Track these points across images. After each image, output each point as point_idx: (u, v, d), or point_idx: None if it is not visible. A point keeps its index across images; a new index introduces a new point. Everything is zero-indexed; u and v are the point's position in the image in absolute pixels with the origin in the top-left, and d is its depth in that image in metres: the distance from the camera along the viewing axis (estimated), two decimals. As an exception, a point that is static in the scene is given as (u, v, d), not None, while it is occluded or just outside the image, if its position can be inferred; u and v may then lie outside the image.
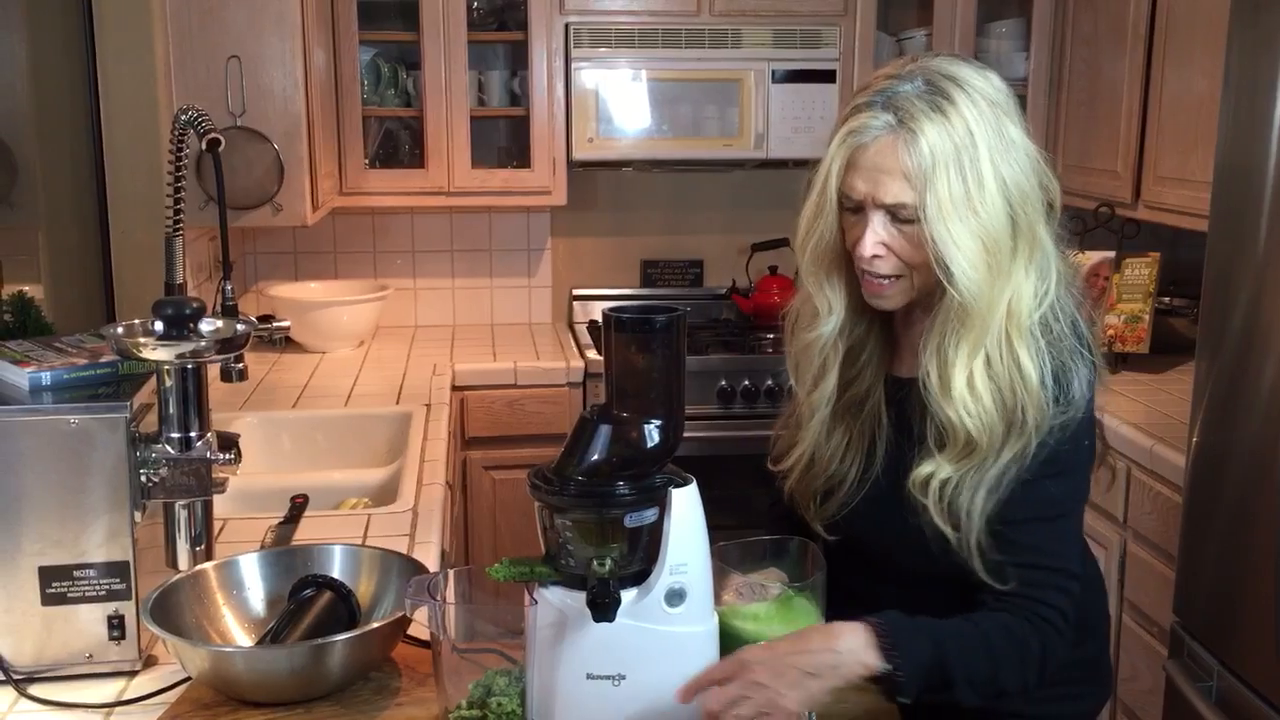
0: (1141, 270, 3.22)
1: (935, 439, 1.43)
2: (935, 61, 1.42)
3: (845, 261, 1.48)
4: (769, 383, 3.47)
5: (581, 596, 1.29)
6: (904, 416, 1.50)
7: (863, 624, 1.33)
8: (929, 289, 1.44)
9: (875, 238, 1.41)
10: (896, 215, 1.40)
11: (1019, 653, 1.38)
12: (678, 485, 1.35)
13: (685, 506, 1.35)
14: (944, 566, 1.45)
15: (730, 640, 1.39)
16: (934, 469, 1.41)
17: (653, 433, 1.33)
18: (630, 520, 1.31)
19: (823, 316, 1.50)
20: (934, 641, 1.34)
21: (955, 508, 1.41)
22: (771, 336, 3.71)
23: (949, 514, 1.41)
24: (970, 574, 1.42)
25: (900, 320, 1.55)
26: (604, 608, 1.28)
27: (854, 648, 1.31)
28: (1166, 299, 3.43)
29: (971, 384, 1.39)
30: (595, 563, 1.29)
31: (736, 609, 1.46)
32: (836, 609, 1.49)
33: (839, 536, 1.56)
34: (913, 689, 1.32)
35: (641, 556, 1.34)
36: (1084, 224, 3.36)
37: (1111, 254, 3.28)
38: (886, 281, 1.44)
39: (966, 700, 1.37)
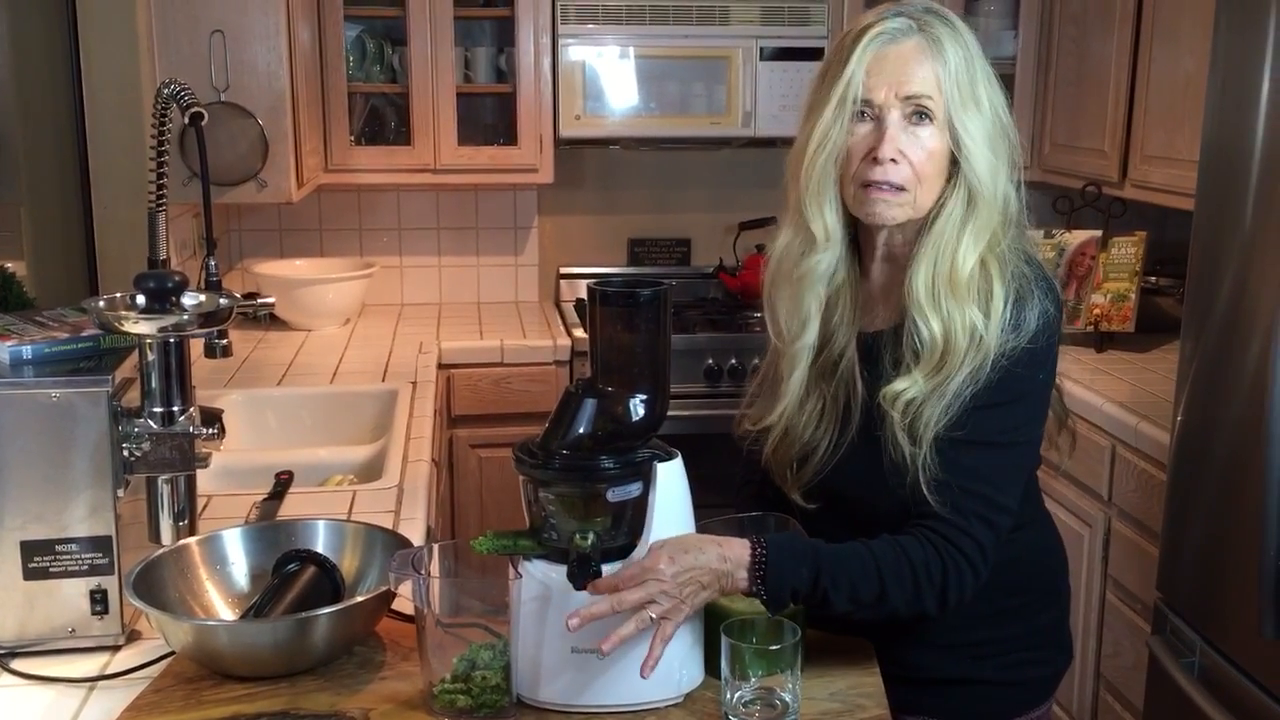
0: (1128, 249, 3.23)
1: (911, 356, 1.45)
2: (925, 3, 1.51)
3: (837, 189, 1.50)
4: (756, 361, 3.45)
5: (565, 570, 1.30)
6: (876, 368, 1.51)
7: (748, 545, 1.36)
8: (925, 209, 1.48)
9: (894, 142, 1.44)
10: (915, 113, 1.44)
11: (913, 575, 1.40)
12: (663, 460, 1.35)
13: (670, 481, 1.35)
14: (910, 501, 1.47)
15: (712, 616, 1.39)
16: (907, 385, 1.44)
17: (638, 407, 1.33)
18: (614, 494, 1.31)
19: (819, 243, 1.51)
20: (813, 567, 1.37)
21: (916, 424, 1.44)
22: (759, 315, 3.69)
23: (910, 430, 1.44)
24: (914, 493, 1.44)
25: (878, 273, 1.56)
26: (583, 584, 1.29)
27: (733, 568, 1.35)
28: (1153, 278, 3.44)
29: (974, 272, 1.44)
30: (578, 536, 1.30)
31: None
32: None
33: (817, 503, 1.57)
34: (779, 609, 1.37)
35: (626, 530, 1.34)
36: (1071, 203, 3.36)
37: (1098, 233, 3.28)
38: (894, 191, 1.46)
39: (857, 616, 1.41)
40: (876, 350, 1.52)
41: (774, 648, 1.30)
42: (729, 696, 1.31)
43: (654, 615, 1.29)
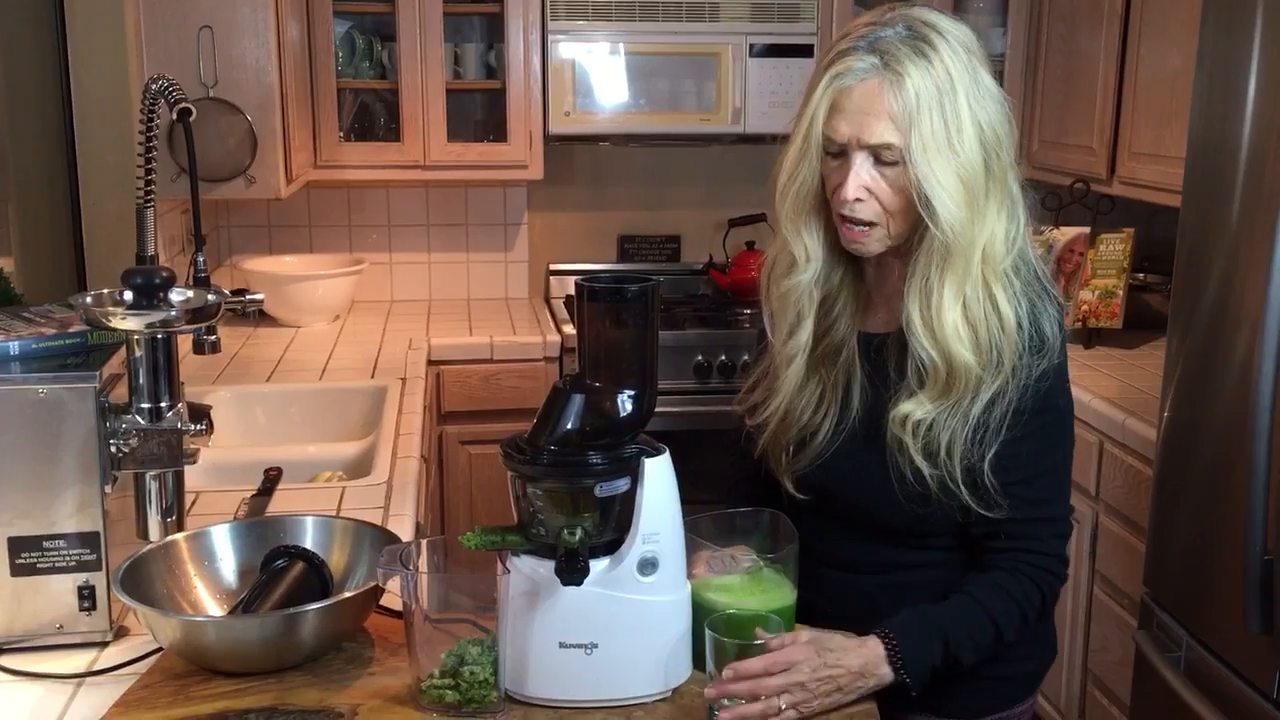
0: (1116, 246, 3.24)
1: (915, 378, 1.46)
2: (914, 10, 1.46)
3: (824, 208, 1.51)
4: (745, 357, 3.47)
5: (553, 566, 1.30)
6: (881, 369, 1.52)
7: (878, 641, 1.39)
8: (904, 236, 1.47)
9: (858, 181, 1.43)
10: (880, 157, 1.42)
11: (1019, 610, 1.47)
12: (650, 455, 1.35)
13: (658, 476, 1.35)
14: (911, 518, 1.49)
15: (701, 612, 1.39)
16: (913, 408, 1.45)
17: (626, 403, 1.33)
18: (602, 490, 1.31)
19: (800, 264, 1.53)
20: (942, 640, 1.42)
21: (933, 445, 1.46)
22: (749, 311, 3.71)
23: (925, 451, 1.46)
24: (960, 515, 1.48)
25: (873, 275, 1.57)
26: (571, 578, 1.29)
27: (873, 668, 1.38)
28: (1140, 275, 3.45)
29: (955, 324, 1.43)
30: (566, 532, 1.30)
31: (708, 581, 1.46)
32: (810, 577, 1.51)
33: (809, 496, 1.58)
34: (922, 685, 1.41)
35: (614, 526, 1.34)
36: (1059, 200, 3.37)
37: (1086, 230, 3.29)
38: (865, 229, 1.46)
39: (969, 663, 1.46)
40: (881, 353, 1.53)
41: (757, 643, 1.30)
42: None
43: (783, 705, 1.31)
